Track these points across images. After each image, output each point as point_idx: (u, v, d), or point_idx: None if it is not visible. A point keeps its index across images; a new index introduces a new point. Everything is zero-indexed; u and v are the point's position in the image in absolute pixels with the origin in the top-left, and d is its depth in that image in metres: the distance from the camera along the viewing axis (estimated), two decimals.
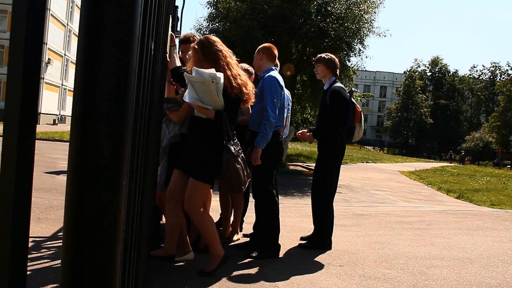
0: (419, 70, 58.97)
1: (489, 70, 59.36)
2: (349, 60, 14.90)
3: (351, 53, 14.33)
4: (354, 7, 13.41)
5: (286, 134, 3.94)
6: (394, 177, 14.75)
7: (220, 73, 2.68)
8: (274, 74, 3.46)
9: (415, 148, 52.72)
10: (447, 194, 10.42)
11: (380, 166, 20.55)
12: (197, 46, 2.88)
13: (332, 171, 3.83)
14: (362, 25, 13.63)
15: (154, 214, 3.22)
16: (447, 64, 61.61)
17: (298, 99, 15.85)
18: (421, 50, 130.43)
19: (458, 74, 59.70)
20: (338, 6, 13.46)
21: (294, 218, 5.24)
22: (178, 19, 5.14)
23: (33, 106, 0.80)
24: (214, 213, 4.20)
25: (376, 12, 14.08)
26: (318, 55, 3.98)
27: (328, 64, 3.86)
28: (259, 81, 3.53)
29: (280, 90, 3.42)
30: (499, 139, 43.07)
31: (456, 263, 3.52)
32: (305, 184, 9.65)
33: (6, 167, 0.79)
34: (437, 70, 59.61)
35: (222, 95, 2.70)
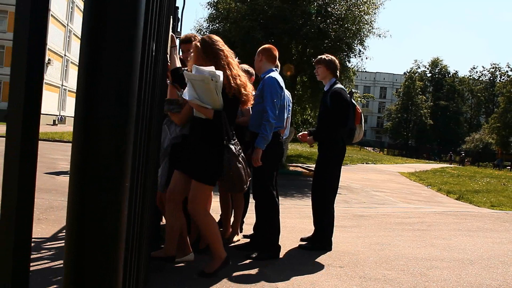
0: (419, 71, 58.98)
1: (489, 71, 59.47)
2: (349, 61, 14.94)
3: (351, 54, 14.37)
4: (354, 8, 13.44)
5: (286, 135, 3.94)
6: (394, 178, 14.75)
7: (219, 71, 2.68)
8: (274, 75, 3.45)
9: (415, 149, 52.70)
10: (447, 195, 10.42)
11: (380, 167, 20.56)
12: (199, 44, 2.89)
13: (332, 172, 3.83)
14: (362, 26, 13.66)
15: (155, 215, 3.22)
16: (447, 65, 61.84)
17: (298, 100, 15.87)
18: (421, 51, 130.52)
19: (458, 75, 59.73)
20: (338, 7, 13.49)
21: (294, 219, 5.24)
22: (178, 20, 5.14)
23: (36, 107, 0.80)
24: (214, 213, 4.17)
25: (376, 13, 14.14)
26: (319, 57, 3.98)
27: (328, 65, 3.87)
28: (260, 82, 3.53)
29: (280, 91, 3.41)
30: (499, 140, 43.06)
31: (456, 265, 3.52)
32: (305, 185, 9.65)
33: (9, 168, 0.79)
34: (437, 71, 59.63)
35: (221, 95, 2.70)
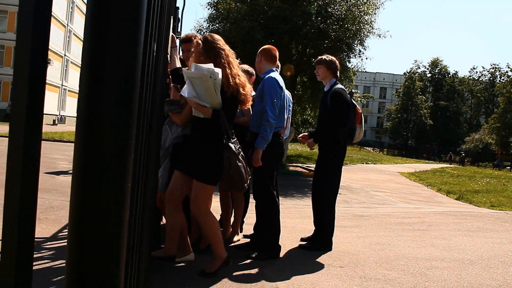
0: (419, 71, 59.00)
1: (488, 71, 59.47)
2: (349, 61, 14.94)
3: (351, 54, 14.36)
4: (354, 8, 13.43)
5: (286, 135, 3.94)
6: (394, 178, 14.75)
7: (218, 69, 2.68)
8: (274, 75, 3.45)
9: (415, 149, 52.67)
10: (447, 196, 10.42)
11: (380, 167, 20.56)
12: (200, 42, 2.90)
13: (332, 172, 3.83)
14: (362, 26, 13.66)
15: (155, 215, 3.22)
16: (447, 65, 61.83)
17: (298, 100, 15.86)
18: (421, 51, 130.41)
19: (458, 75, 59.75)
20: (338, 7, 13.48)
21: (294, 219, 5.25)
22: (178, 20, 5.15)
23: (39, 107, 0.80)
24: (214, 213, 4.17)
25: (376, 13, 14.14)
26: (319, 57, 3.98)
27: (329, 65, 3.87)
28: (260, 82, 3.53)
29: (279, 91, 3.41)
30: (499, 141, 43.07)
31: (456, 265, 3.52)
32: (305, 185, 9.66)
33: (12, 168, 0.79)
34: (437, 71, 59.66)
35: (220, 93, 2.70)
